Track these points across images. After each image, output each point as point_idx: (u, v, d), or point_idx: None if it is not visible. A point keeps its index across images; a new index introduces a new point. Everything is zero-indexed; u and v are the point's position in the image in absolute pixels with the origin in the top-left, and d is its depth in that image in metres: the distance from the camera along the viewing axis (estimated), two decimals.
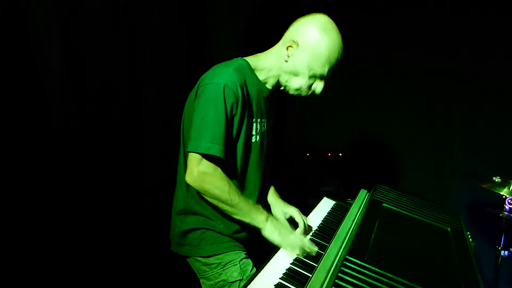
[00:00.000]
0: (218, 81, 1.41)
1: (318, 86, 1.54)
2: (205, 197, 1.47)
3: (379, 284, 1.17)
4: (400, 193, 2.11)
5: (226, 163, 1.48)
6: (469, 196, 2.64)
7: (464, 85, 2.80)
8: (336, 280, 1.16)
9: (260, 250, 1.58)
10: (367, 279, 1.19)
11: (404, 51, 2.98)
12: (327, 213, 1.99)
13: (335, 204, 2.13)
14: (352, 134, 3.21)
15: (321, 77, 1.52)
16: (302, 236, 1.56)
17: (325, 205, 2.10)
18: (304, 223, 1.68)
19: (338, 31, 1.49)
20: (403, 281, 1.21)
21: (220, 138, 1.39)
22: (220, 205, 1.47)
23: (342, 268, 1.22)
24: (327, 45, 1.45)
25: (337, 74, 1.56)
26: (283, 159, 2.96)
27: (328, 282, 1.18)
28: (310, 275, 1.26)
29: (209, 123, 1.39)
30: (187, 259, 1.66)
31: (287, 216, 1.74)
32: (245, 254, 1.62)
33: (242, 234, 1.63)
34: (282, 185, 1.93)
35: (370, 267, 1.25)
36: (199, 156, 1.40)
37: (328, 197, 2.20)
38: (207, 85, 1.43)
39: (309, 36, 1.46)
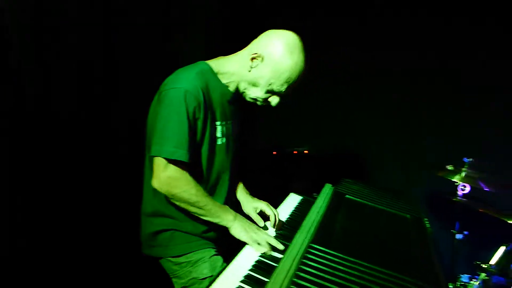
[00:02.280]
0: (179, 86, 1.43)
1: (274, 100, 1.59)
2: (173, 201, 1.50)
3: (341, 268, 1.24)
4: (364, 185, 2.21)
5: (192, 166, 1.51)
6: (429, 185, 2.78)
7: (424, 82, 2.96)
8: (300, 266, 1.22)
9: (231, 247, 1.62)
10: (330, 264, 1.25)
11: (368, 51, 3.11)
12: (294, 208, 2.05)
13: (301, 199, 2.19)
14: (318, 131, 3.29)
15: (279, 93, 1.57)
16: (267, 234, 1.59)
17: (292, 201, 2.16)
18: (275, 215, 1.73)
19: (303, 52, 1.53)
20: (363, 263, 1.28)
21: (184, 142, 1.42)
22: (189, 207, 1.50)
23: (306, 255, 1.28)
24: (290, 67, 1.49)
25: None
26: (250, 158, 3.01)
27: (293, 269, 1.22)
28: (277, 265, 1.31)
29: (171, 128, 1.41)
30: (159, 260, 1.68)
31: (258, 211, 1.78)
32: (215, 251, 1.65)
33: (211, 233, 1.66)
34: (250, 183, 1.98)
35: (333, 252, 1.32)
36: (164, 161, 1.42)
37: (295, 192, 2.27)
38: (169, 90, 1.45)
39: (275, 54, 1.49)
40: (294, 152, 3.09)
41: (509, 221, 1.88)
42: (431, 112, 2.94)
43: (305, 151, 3.11)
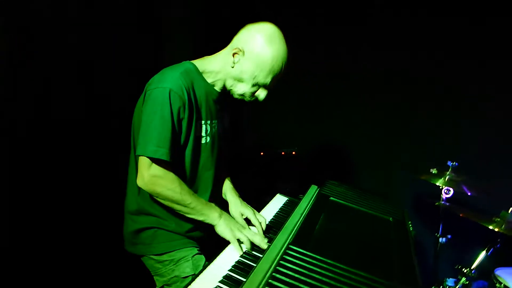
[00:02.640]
0: (164, 86, 1.44)
1: (261, 94, 1.60)
2: (158, 199, 1.51)
3: (317, 269, 1.25)
4: (348, 187, 2.23)
5: (177, 164, 1.53)
6: (414, 188, 2.81)
7: (408, 86, 2.98)
8: (277, 267, 1.23)
9: (214, 246, 1.63)
10: (307, 265, 1.27)
11: (354, 54, 3.13)
12: (279, 209, 2.06)
13: (287, 200, 2.20)
14: (305, 133, 3.31)
15: (264, 86, 1.58)
16: (252, 232, 1.60)
17: (278, 201, 2.17)
18: (260, 224, 1.70)
19: (284, 41, 1.55)
20: (340, 265, 1.30)
21: (166, 142, 1.43)
22: (173, 205, 1.51)
23: (284, 256, 1.30)
24: (271, 57, 1.50)
25: (290, 75, 1.63)
26: (237, 158, 3.03)
27: (271, 270, 1.24)
28: (255, 265, 1.33)
29: (155, 128, 1.42)
30: (141, 258, 1.69)
31: (244, 217, 1.76)
32: (197, 250, 1.66)
33: (195, 232, 1.67)
34: (237, 183, 1.99)
35: (311, 254, 1.33)
36: (148, 160, 1.44)
37: (281, 193, 2.29)
38: (154, 90, 1.46)
39: (255, 46, 1.51)
40: (282, 153, 3.11)
41: (489, 227, 1.90)
42: (418, 115, 2.97)
43: (293, 152, 3.12)
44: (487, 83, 2.69)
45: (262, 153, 3.11)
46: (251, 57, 1.52)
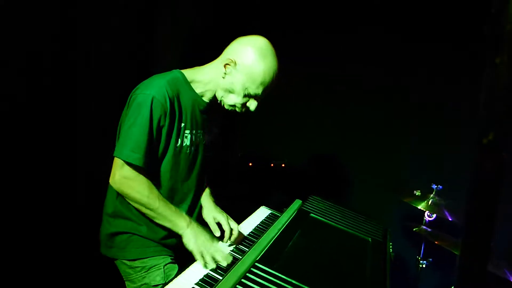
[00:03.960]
0: (148, 92, 1.47)
1: (252, 105, 1.62)
2: (126, 199, 1.53)
3: None
4: (331, 204, 2.22)
5: (154, 170, 1.55)
6: (399, 208, 2.80)
7: (399, 105, 2.99)
8: (237, 286, 1.23)
9: (190, 256, 1.63)
10: (269, 285, 1.27)
11: (346, 71, 3.14)
12: (260, 222, 2.05)
13: (270, 213, 2.20)
14: (295, 146, 3.32)
15: (255, 97, 1.60)
16: (216, 248, 1.57)
17: (260, 214, 2.17)
18: (231, 230, 1.72)
19: (274, 54, 1.58)
20: (305, 287, 1.30)
21: (141, 147, 1.45)
22: (141, 208, 1.53)
23: (247, 274, 1.30)
24: (262, 69, 1.53)
25: (282, 87, 1.65)
26: (225, 168, 3.04)
27: (233, 287, 1.24)
28: (221, 279, 1.33)
29: (133, 132, 1.45)
30: (115, 261, 1.70)
31: (216, 221, 1.77)
32: (171, 259, 1.67)
33: (170, 240, 1.68)
34: (223, 192, 2.00)
35: (276, 273, 1.33)
36: (122, 161, 1.47)
37: (266, 206, 2.28)
38: (138, 95, 1.49)
39: (246, 58, 1.53)
40: (271, 164, 3.11)
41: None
42: (408, 135, 2.98)
43: (282, 165, 3.13)
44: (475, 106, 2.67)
45: (250, 164, 3.11)
46: (242, 69, 1.54)
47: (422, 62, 2.88)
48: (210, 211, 1.82)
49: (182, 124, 1.60)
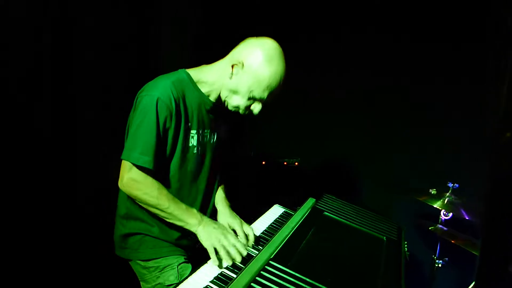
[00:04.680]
0: (153, 94, 1.47)
1: (256, 108, 1.60)
2: (136, 201, 1.54)
3: None
4: (345, 203, 2.20)
5: (163, 172, 1.55)
6: (415, 207, 2.76)
7: (409, 103, 2.96)
8: (252, 284, 1.23)
9: (204, 255, 1.63)
10: (284, 283, 1.26)
11: (357, 70, 3.12)
12: (274, 220, 2.04)
13: (283, 211, 2.19)
14: (309, 145, 3.30)
15: (260, 100, 1.58)
16: (231, 242, 1.54)
17: (274, 212, 2.15)
18: (245, 236, 1.68)
19: (283, 58, 1.55)
20: (320, 285, 1.29)
21: (150, 149, 1.46)
22: (151, 209, 1.54)
23: (262, 272, 1.30)
24: (269, 73, 1.51)
25: (296, 88, 1.62)
26: (238, 167, 3.04)
27: (247, 285, 1.24)
28: (235, 277, 1.33)
29: (140, 135, 1.46)
30: (129, 262, 1.72)
31: (231, 228, 1.74)
32: (184, 258, 1.68)
33: (183, 240, 1.69)
34: (236, 191, 2.00)
35: (290, 271, 1.32)
36: (130, 164, 1.48)
37: (279, 205, 2.28)
38: (143, 97, 1.49)
39: (254, 61, 1.51)
40: (284, 163, 3.10)
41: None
42: (422, 133, 2.94)
43: (296, 163, 3.11)
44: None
45: (263, 163, 3.11)
46: (249, 71, 1.52)
47: (437, 61, 2.84)
48: (225, 216, 1.80)
49: (189, 124, 1.60)
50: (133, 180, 1.49)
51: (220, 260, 1.49)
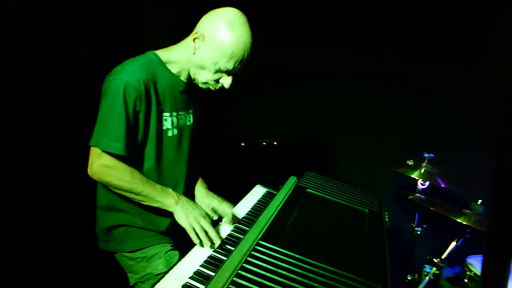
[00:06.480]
0: (121, 77, 1.42)
1: (226, 81, 1.55)
2: (109, 188, 1.51)
3: (285, 265, 1.26)
4: (327, 178, 2.23)
5: (139, 157, 1.52)
6: (393, 179, 2.84)
7: (384, 77, 3.00)
8: (243, 264, 1.23)
9: (191, 241, 1.62)
10: (275, 261, 1.27)
11: (336, 48, 3.13)
12: (257, 201, 2.05)
13: (266, 191, 2.20)
14: (286, 123, 3.31)
15: (228, 73, 1.53)
16: (208, 223, 1.54)
17: (257, 193, 2.16)
18: (225, 212, 1.70)
19: (247, 26, 1.50)
20: (308, 260, 1.30)
21: (120, 135, 1.42)
22: (126, 194, 1.50)
23: (252, 252, 1.30)
24: (231, 40, 1.45)
25: (272, 67, 1.59)
26: (217, 149, 3.01)
27: (239, 266, 1.24)
28: (225, 259, 1.33)
29: (110, 120, 1.41)
30: (114, 255, 1.68)
31: (210, 207, 1.74)
32: (171, 246, 1.66)
33: (168, 228, 1.66)
34: (216, 174, 1.99)
35: (280, 249, 1.33)
36: (99, 150, 1.43)
37: (261, 185, 2.28)
38: (111, 81, 1.44)
39: (215, 30, 1.46)
40: (263, 143, 3.10)
41: (457, 220, 1.93)
42: (397, 107, 3.00)
43: (274, 143, 3.11)
44: (467, 77, 2.72)
45: (242, 144, 3.09)
46: (211, 42, 1.47)
47: (412, 40, 2.88)
48: (203, 197, 1.79)
49: (161, 107, 1.55)
50: (104, 166, 1.44)
51: (200, 242, 1.49)
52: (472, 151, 2.59)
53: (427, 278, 2.05)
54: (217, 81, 1.55)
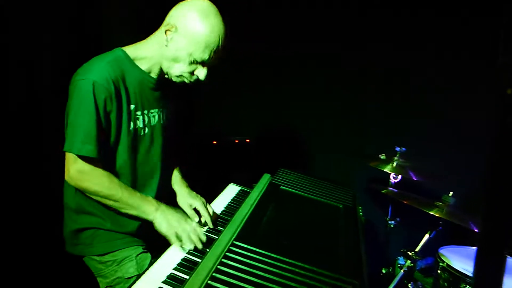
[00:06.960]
0: (88, 77, 1.36)
1: (201, 73, 1.52)
2: (87, 194, 1.44)
3: (260, 265, 1.23)
4: (300, 175, 2.22)
5: (110, 158, 1.46)
6: (366, 173, 2.87)
7: (356, 70, 3.02)
8: (218, 266, 1.20)
9: (162, 243, 1.57)
10: (251, 262, 1.24)
11: (305, 42, 3.12)
12: (231, 199, 2.02)
13: (240, 190, 2.17)
14: (258, 120, 3.29)
15: (203, 64, 1.50)
16: (192, 227, 1.51)
17: (230, 192, 2.13)
18: (210, 215, 1.67)
19: (219, 15, 1.48)
20: (285, 259, 1.28)
21: (91, 137, 1.36)
22: (103, 201, 1.45)
23: (227, 253, 1.27)
24: (205, 30, 1.43)
25: (242, 62, 1.56)
26: (189, 147, 2.95)
27: (214, 267, 1.20)
28: (200, 261, 1.29)
29: (80, 122, 1.35)
30: (83, 259, 1.61)
31: (192, 207, 1.72)
32: (142, 248, 1.61)
33: (139, 230, 1.60)
34: (189, 173, 1.93)
35: (255, 249, 1.31)
36: (74, 155, 1.38)
37: (234, 183, 2.25)
38: (78, 82, 1.37)
39: (187, 21, 1.43)
40: (235, 141, 3.06)
41: (429, 212, 1.96)
42: (369, 101, 3.02)
43: (247, 140, 3.08)
44: (435, 71, 2.77)
45: (214, 142, 3.04)
46: (184, 32, 1.44)
47: (380, 29, 2.90)
48: (185, 197, 1.76)
49: (132, 106, 1.50)
50: (80, 172, 1.39)
51: (181, 245, 1.45)
52: (442, 144, 2.65)
53: (401, 271, 2.08)
54: (192, 73, 1.52)
